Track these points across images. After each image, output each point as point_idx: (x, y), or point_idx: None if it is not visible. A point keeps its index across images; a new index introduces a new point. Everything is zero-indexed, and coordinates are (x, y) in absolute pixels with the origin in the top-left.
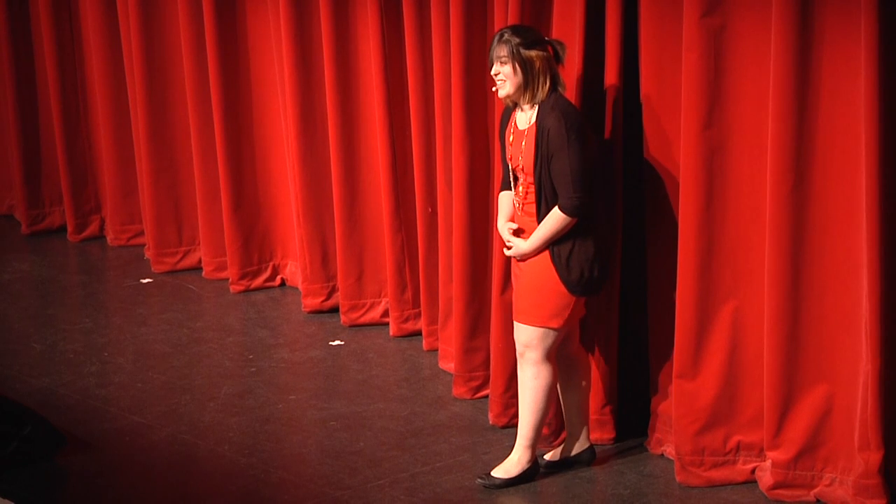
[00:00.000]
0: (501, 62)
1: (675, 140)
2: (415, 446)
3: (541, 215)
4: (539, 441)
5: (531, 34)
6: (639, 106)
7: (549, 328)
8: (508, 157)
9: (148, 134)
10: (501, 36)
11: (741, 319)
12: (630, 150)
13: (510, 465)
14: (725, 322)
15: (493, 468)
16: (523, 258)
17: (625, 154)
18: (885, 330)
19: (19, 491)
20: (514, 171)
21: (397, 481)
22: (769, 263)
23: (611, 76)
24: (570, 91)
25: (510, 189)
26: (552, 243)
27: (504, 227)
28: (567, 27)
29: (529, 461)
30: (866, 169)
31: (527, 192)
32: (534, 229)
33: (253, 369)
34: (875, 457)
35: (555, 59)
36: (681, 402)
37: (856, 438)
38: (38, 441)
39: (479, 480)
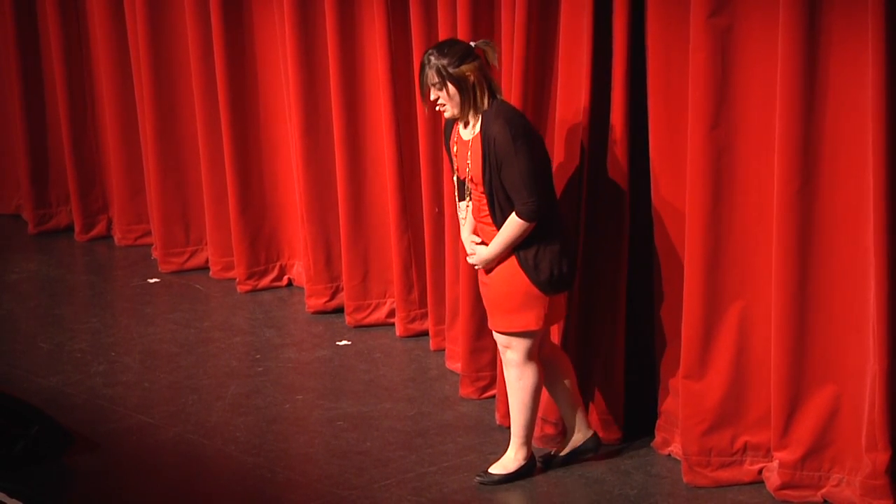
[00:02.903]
0: (436, 88)
1: (682, 140)
2: (421, 446)
3: (497, 223)
4: (540, 434)
5: (456, 49)
6: (646, 106)
7: (527, 331)
8: (455, 167)
9: (155, 133)
10: (428, 61)
11: (748, 319)
12: (637, 151)
13: (507, 462)
14: (732, 322)
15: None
16: (486, 265)
17: (632, 153)
18: (892, 330)
19: (27, 490)
20: (462, 181)
21: (404, 481)
22: (776, 263)
23: (618, 76)
24: (579, 91)
25: (464, 199)
26: (517, 248)
27: (468, 238)
28: (575, 27)
29: (526, 457)
30: (873, 169)
31: (479, 203)
32: (493, 237)
33: (260, 369)
34: (882, 457)
35: (486, 63)
36: (688, 402)
37: (863, 439)
38: (45, 441)
39: (478, 478)
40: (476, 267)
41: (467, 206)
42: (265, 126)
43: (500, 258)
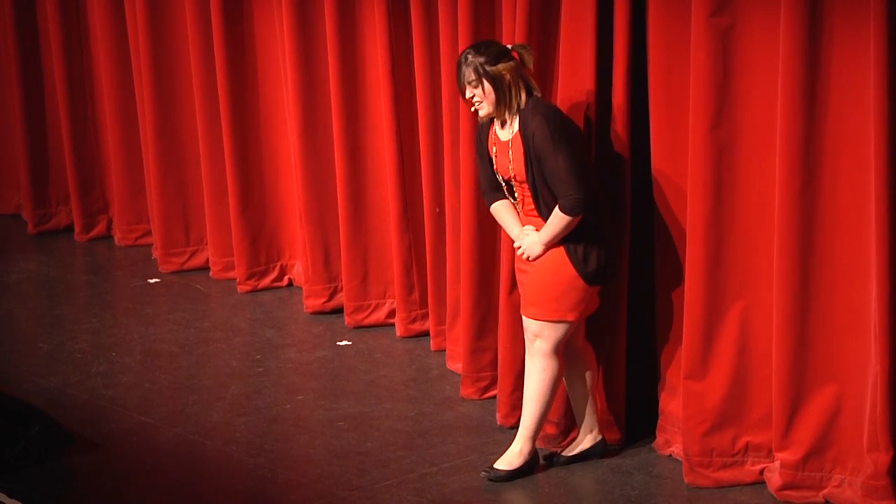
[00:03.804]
0: (472, 86)
1: (683, 140)
2: (422, 447)
3: (543, 217)
4: (540, 433)
5: (493, 49)
6: (647, 105)
7: (563, 321)
8: (495, 168)
9: (155, 133)
10: (465, 59)
11: (750, 320)
12: (638, 150)
13: (512, 457)
14: (734, 322)
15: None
16: (533, 251)
17: (633, 154)
18: (894, 330)
19: (27, 491)
20: (506, 181)
21: (405, 482)
22: (778, 263)
23: (619, 75)
24: (581, 91)
25: (503, 198)
26: (566, 240)
27: (520, 234)
28: (577, 27)
29: (531, 452)
30: (875, 168)
31: (524, 199)
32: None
33: (260, 369)
34: (884, 458)
35: (522, 65)
36: (689, 402)
37: (865, 439)
38: (45, 441)
39: (484, 473)
40: (525, 256)
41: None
42: (265, 126)
43: (545, 248)
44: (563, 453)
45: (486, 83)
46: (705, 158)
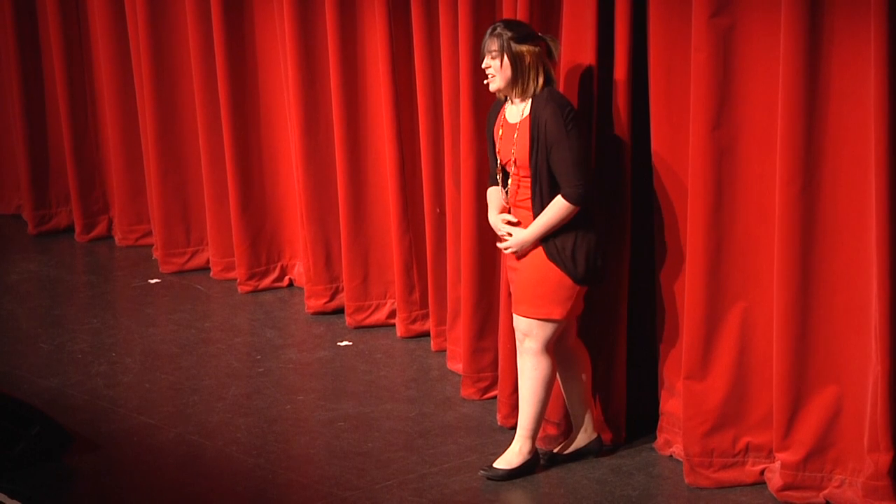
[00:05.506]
0: (492, 56)
1: (683, 140)
2: (423, 447)
3: (536, 208)
4: (541, 434)
5: (524, 29)
6: (648, 106)
7: (551, 320)
8: (497, 150)
9: (156, 134)
10: (494, 30)
11: (750, 320)
12: (639, 151)
13: (512, 456)
14: (734, 323)
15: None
16: (523, 248)
17: (634, 154)
18: (894, 331)
19: (27, 491)
20: (503, 165)
21: (405, 482)
22: (778, 264)
23: (620, 76)
24: (582, 90)
25: (497, 185)
26: (552, 237)
27: (498, 218)
28: (577, 27)
29: (530, 452)
30: (876, 169)
31: (519, 186)
32: (530, 222)
33: (261, 370)
34: (885, 458)
35: (547, 55)
36: (689, 403)
37: (865, 440)
38: (45, 441)
39: (482, 472)
40: (508, 251)
41: (506, 193)
42: (266, 126)
43: (537, 239)
44: (558, 451)
45: (505, 58)
46: (706, 159)
